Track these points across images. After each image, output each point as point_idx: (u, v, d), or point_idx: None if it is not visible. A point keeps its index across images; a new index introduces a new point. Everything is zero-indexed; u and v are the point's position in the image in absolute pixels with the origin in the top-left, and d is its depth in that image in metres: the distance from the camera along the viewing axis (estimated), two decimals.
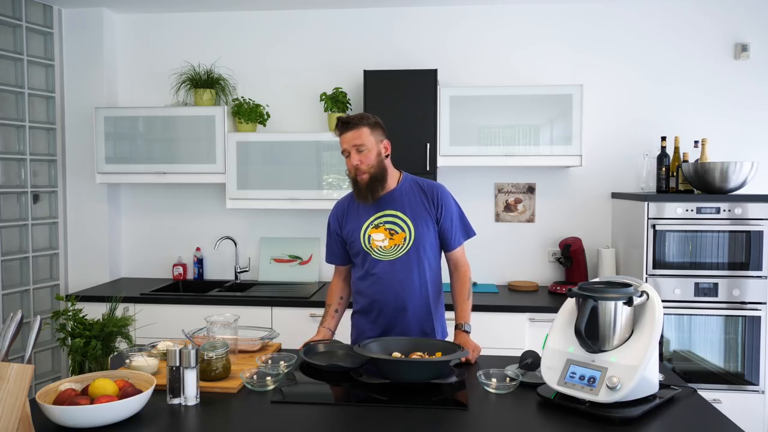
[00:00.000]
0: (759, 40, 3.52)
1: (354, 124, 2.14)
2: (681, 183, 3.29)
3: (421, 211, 2.21)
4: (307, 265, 3.80)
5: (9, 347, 1.44)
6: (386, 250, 2.20)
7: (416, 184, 2.26)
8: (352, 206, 2.28)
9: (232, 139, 3.51)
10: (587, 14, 3.62)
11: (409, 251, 2.19)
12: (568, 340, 1.73)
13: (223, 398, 1.74)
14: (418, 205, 2.21)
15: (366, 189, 2.16)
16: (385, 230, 2.21)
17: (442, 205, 2.23)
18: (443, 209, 2.22)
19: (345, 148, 2.16)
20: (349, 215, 2.28)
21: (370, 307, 2.26)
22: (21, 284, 3.55)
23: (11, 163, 3.51)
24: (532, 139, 3.34)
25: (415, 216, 2.20)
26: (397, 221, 2.20)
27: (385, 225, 2.21)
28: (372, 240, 2.21)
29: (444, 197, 2.24)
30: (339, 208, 2.33)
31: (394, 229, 2.20)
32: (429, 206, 2.22)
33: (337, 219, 2.32)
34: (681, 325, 3.11)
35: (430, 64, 3.65)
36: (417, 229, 2.19)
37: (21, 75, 3.53)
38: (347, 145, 2.15)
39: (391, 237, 2.20)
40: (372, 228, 2.22)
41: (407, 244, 2.19)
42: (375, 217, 2.22)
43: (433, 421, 1.59)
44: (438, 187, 2.26)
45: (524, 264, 3.73)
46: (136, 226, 3.96)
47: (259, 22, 3.81)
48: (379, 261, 2.21)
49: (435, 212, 2.22)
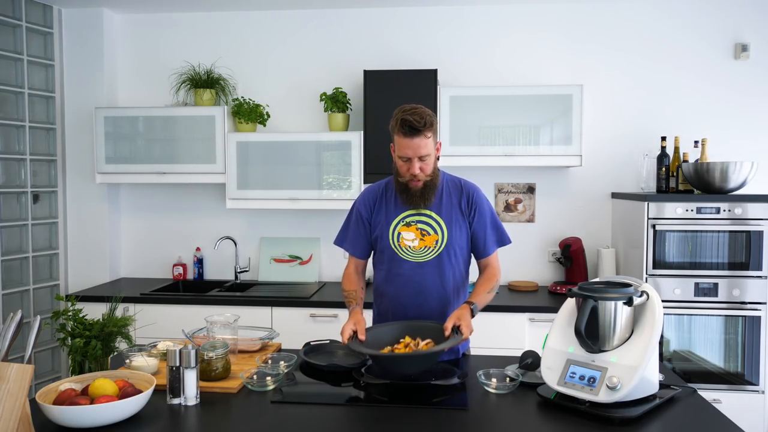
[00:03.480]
0: (759, 40, 3.52)
1: (423, 131, 1.97)
2: (681, 183, 3.29)
3: (455, 213, 2.10)
4: (307, 265, 3.80)
5: (9, 347, 1.44)
6: (415, 251, 2.09)
7: (453, 184, 2.16)
8: (383, 198, 2.15)
9: (232, 139, 3.51)
10: (587, 14, 3.62)
11: (441, 255, 2.09)
12: (568, 340, 1.73)
13: (223, 398, 1.74)
14: (453, 206, 2.11)
15: (419, 197, 2.06)
16: (416, 230, 2.09)
17: (476, 208, 2.12)
18: (476, 213, 2.12)
19: (407, 155, 2.00)
20: (381, 206, 2.15)
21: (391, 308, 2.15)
22: (21, 284, 3.55)
23: (11, 163, 3.51)
24: (532, 139, 3.34)
25: (450, 218, 2.09)
26: (430, 222, 2.09)
27: (417, 224, 2.09)
28: (402, 238, 2.09)
29: (479, 200, 2.13)
30: (370, 196, 2.18)
31: (426, 230, 2.09)
32: (464, 208, 2.11)
33: (367, 206, 2.17)
34: (681, 325, 3.11)
35: (430, 64, 3.65)
36: (450, 232, 2.09)
37: (21, 75, 3.53)
38: (411, 153, 1.99)
39: (422, 238, 2.08)
40: (403, 225, 2.10)
41: (438, 247, 2.08)
42: (407, 214, 2.10)
43: (434, 421, 1.59)
44: (475, 189, 2.15)
45: (524, 264, 3.73)
46: (136, 226, 3.96)
47: (259, 22, 3.81)
48: (405, 261, 2.10)
49: (469, 214, 2.12)
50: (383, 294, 2.17)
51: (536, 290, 3.55)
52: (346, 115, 3.59)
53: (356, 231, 2.20)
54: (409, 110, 1.99)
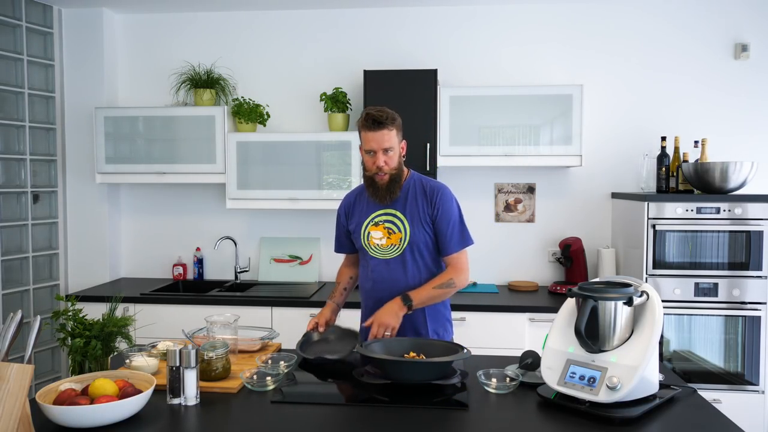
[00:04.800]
0: (759, 40, 3.52)
1: (386, 124, 2.10)
2: (681, 183, 3.29)
3: (419, 213, 2.19)
4: (307, 265, 3.80)
5: (9, 347, 1.44)
6: (383, 249, 2.22)
7: (420, 184, 2.24)
8: (358, 201, 2.30)
9: (232, 139, 3.51)
10: (587, 14, 3.62)
11: (404, 252, 2.20)
12: (568, 340, 1.73)
13: (223, 398, 1.74)
14: (417, 205, 2.20)
15: (385, 190, 2.17)
16: (384, 228, 2.21)
17: (440, 207, 2.19)
18: (440, 212, 2.19)
19: (372, 148, 2.12)
20: (355, 209, 2.30)
21: (368, 301, 2.28)
22: (21, 284, 3.55)
23: (11, 163, 3.51)
24: (532, 139, 3.34)
25: (413, 217, 2.19)
26: (395, 220, 2.21)
27: (384, 223, 2.22)
28: (370, 237, 2.23)
29: (443, 200, 2.20)
30: (346, 201, 2.36)
31: (392, 228, 2.20)
32: (427, 207, 2.20)
33: (345, 212, 2.34)
34: (681, 325, 3.11)
35: (430, 64, 3.65)
36: (413, 230, 2.18)
37: (21, 75, 3.53)
38: (375, 145, 2.11)
39: (389, 236, 2.20)
40: (372, 225, 2.23)
41: (402, 245, 2.20)
42: (376, 214, 2.23)
43: (434, 421, 1.59)
44: (439, 189, 2.22)
45: (524, 264, 3.73)
46: (136, 226, 3.96)
47: (259, 22, 3.81)
48: (374, 258, 2.24)
49: (432, 214, 2.19)
50: (362, 289, 2.34)
51: (536, 290, 3.55)
52: (346, 115, 3.59)
53: (340, 234, 2.40)
54: (374, 108, 2.16)
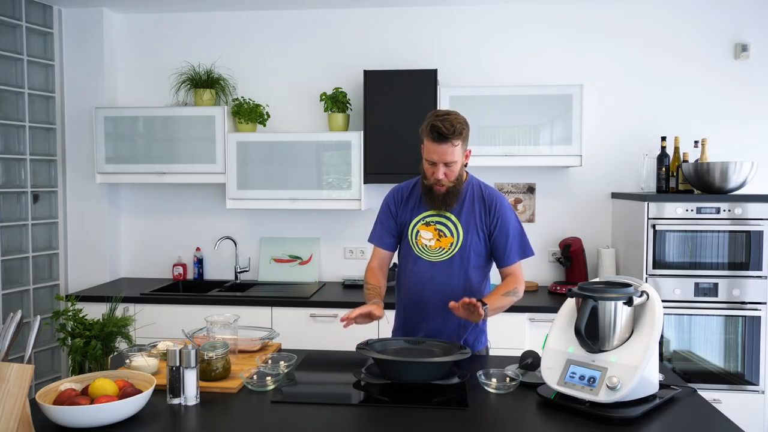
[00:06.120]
0: (759, 40, 3.52)
1: (451, 139, 2.01)
2: (681, 183, 3.29)
3: (475, 219, 2.14)
4: (307, 265, 3.80)
5: (9, 347, 1.44)
6: (431, 251, 2.16)
7: (479, 190, 2.18)
8: (411, 196, 2.23)
9: (232, 139, 3.51)
10: (587, 14, 3.61)
11: (453, 257, 2.14)
12: (568, 340, 1.73)
13: (223, 398, 1.74)
14: (474, 212, 2.15)
15: (441, 200, 2.11)
16: (434, 230, 2.15)
17: (499, 217, 2.14)
18: (499, 221, 2.14)
19: (434, 159, 2.05)
20: (407, 203, 2.22)
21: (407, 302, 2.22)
22: (21, 284, 3.55)
23: (11, 163, 3.50)
24: (532, 139, 3.34)
25: (468, 223, 2.14)
26: (447, 223, 2.15)
27: (436, 225, 2.15)
28: (419, 236, 2.17)
29: (502, 211, 2.15)
30: (398, 194, 2.26)
31: (444, 231, 2.14)
32: (485, 215, 2.14)
33: (395, 201, 2.25)
34: (681, 325, 3.11)
35: (430, 64, 3.65)
36: (466, 236, 2.13)
37: (21, 75, 3.52)
38: (437, 158, 2.04)
39: (439, 238, 2.14)
40: (422, 224, 2.17)
41: (452, 250, 2.14)
42: (429, 213, 2.16)
43: (434, 421, 1.59)
44: (499, 198, 2.17)
45: (524, 264, 3.69)
46: (136, 226, 3.95)
47: (259, 22, 3.81)
48: (419, 258, 2.17)
49: (490, 224, 2.15)
50: (400, 287, 2.27)
51: (536, 290, 3.55)
52: (346, 115, 3.59)
53: (385, 223, 2.26)
54: (441, 116, 2.04)
